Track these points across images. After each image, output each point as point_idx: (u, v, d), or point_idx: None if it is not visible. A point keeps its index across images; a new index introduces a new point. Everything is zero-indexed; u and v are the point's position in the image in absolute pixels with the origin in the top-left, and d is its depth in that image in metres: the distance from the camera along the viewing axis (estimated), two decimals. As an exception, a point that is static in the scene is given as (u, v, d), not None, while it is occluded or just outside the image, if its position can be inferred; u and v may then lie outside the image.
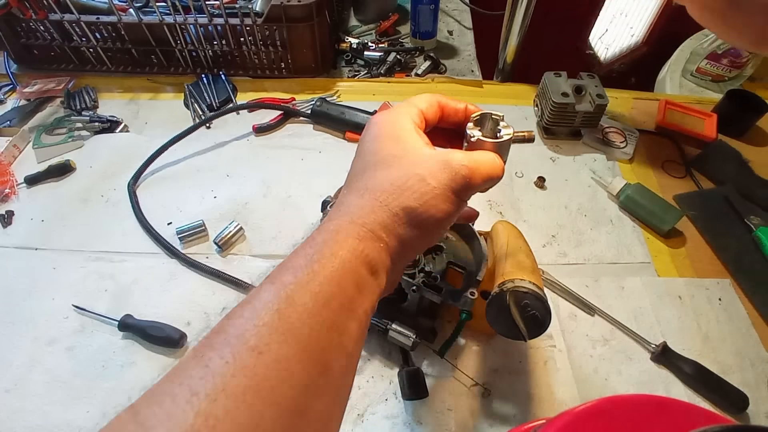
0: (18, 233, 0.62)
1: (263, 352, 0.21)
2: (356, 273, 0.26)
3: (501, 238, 0.47)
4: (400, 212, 0.28)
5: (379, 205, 0.28)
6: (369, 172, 0.29)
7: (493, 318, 0.41)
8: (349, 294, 0.25)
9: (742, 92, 0.77)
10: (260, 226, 0.63)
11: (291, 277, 0.25)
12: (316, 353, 0.23)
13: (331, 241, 0.26)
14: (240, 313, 0.23)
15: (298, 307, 0.23)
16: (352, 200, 0.28)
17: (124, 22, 0.78)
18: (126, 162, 0.70)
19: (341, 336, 0.25)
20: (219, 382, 0.20)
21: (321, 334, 0.23)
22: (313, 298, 0.24)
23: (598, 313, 0.55)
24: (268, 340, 0.22)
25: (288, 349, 0.22)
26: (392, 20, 0.96)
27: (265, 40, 0.80)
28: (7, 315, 0.54)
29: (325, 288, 0.24)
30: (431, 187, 0.28)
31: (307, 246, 0.27)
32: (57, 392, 0.48)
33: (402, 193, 0.28)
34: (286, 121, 0.78)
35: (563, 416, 0.30)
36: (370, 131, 0.31)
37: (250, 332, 0.22)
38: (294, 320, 0.23)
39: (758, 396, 0.48)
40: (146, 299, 0.55)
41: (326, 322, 0.24)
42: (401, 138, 0.30)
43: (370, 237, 0.27)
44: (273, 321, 0.22)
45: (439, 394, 0.48)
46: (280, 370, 0.21)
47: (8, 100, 0.80)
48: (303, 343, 0.23)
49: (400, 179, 0.28)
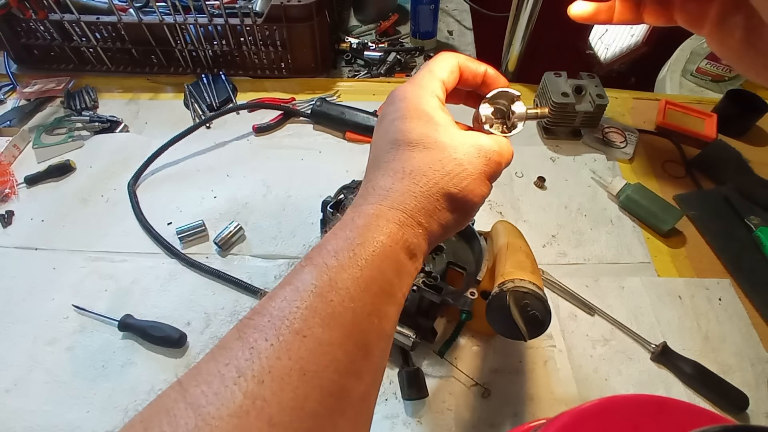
0: (18, 233, 0.62)
1: (307, 335, 0.22)
2: (396, 259, 0.26)
3: (501, 238, 0.47)
4: (440, 198, 0.28)
5: (420, 191, 0.27)
6: (403, 152, 0.28)
7: (493, 318, 0.41)
8: (388, 278, 0.26)
9: (742, 92, 0.77)
10: (260, 226, 0.63)
11: (333, 260, 0.24)
12: (358, 337, 0.23)
13: (373, 226, 0.26)
14: (282, 294, 0.23)
15: (340, 291, 0.23)
16: (389, 183, 0.28)
17: (124, 22, 0.78)
18: (126, 162, 0.70)
19: (381, 320, 0.25)
20: (265, 364, 0.20)
21: (362, 319, 0.24)
22: (355, 282, 0.24)
23: (598, 313, 0.55)
24: (311, 323, 0.22)
25: (331, 333, 0.22)
26: (392, 20, 0.96)
27: (265, 40, 0.80)
28: (7, 315, 0.54)
29: (366, 273, 0.25)
30: (468, 173, 0.28)
31: (346, 228, 0.26)
32: (57, 392, 0.48)
33: (442, 178, 0.28)
34: (286, 121, 0.78)
35: (563, 416, 0.30)
36: (395, 107, 0.30)
37: (294, 315, 0.22)
38: (336, 304, 0.23)
39: (758, 396, 0.48)
40: (146, 299, 0.55)
41: (367, 307, 0.24)
42: (431, 118, 0.29)
43: (410, 223, 0.27)
44: (316, 304, 0.23)
45: (439, 394, 0.48)
46: (323, 353, 0.22)
47: (8, 100, 0.80)
48: (346, 328, 0.23)
49: (438, 163, 0.28)
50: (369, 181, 0.29)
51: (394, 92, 0.31)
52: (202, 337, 0.52)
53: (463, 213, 0.29)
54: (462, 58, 0.32)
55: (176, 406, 0.20)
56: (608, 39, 1.23)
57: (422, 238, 0.28)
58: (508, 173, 0.68)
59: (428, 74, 0.31)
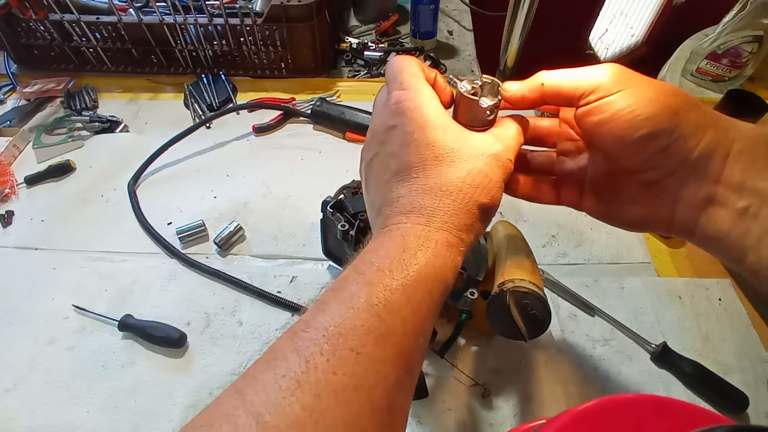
0: (18, 233, 0.62)
1: (361, 353, 0.22)
2: (445, 280, 0.27)
3: (501, 238, 0.47)
4: (476, 211, 0.28)
5: (461, 207, 0.28)
6: (433, 168, 0.28)
7: (493, 318, 0.41)
8: (435, 299, 0.26)
9: (742, 92, 0.76)
10: (260, 226, 0.63)
11: (387, 280, 0.25)
12: (406, 356, 0.24)
13: (424, 247, 0.27)
14: (336, 309, 0.24)
15: (393, 312, 0.24)
16: (429, 201, 0.28)
17: (124, 22, 0.78)
18: (126, 162, 0.70)
19: (425, 338, 0.26)
20: (322, 378, 0.21)
21: (411, 338, 0.25)
22: (408, 303, 0.25)
23: (598, 313, 0.54)
24: (365, 341, 0.23)
25: (384, 352, 0.23)
26: (392, 20, 0.96)
27: (265, 40, 0.80)
28: (7, 315, 0.54)
29: (418, 295, 0.25)
30: (493, 182, 0.29)
31: (397, 247, 0.27)
32: (57, 392, 0.48)
33: (474, 191, 0.28)
34: (286, 121, 0.78)
35: (563, 416, 0.30)
36: (408, 118, 0.29)
37: (350, 332, 0.23)
38: (389, 324, 0.24)
39: (758, 396, 0.48)
40: (146, 299, 0.55)
41: (416, 327, 0.25)
42: (447, 128, 0.29)
43: (456, 242, 0.28)
44: (371, 323, 0.23)
45: (439, 394, 0.48)
46: (376, 371, 0.22)
47: (8, 100, 0.81)
48: (397, 347, 0.24)
49: (470, 177, 0.28)
50: (401, 197, 0.29)
51: (397, 102, 0.30)
52: (202, 337, 0.52)
53: (488, 219, 0.30)
54: (418, 60, 0.33)
55: (236, 413, 0.20)
56: (608, 39, 1.23)
57: (463, 254, 0.29)
58: (508, 173, 0.68)
59: (414, 77, 0.31)
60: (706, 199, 0.27)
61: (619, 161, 0.29)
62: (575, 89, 0.29)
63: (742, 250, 0.26)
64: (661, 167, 0.28)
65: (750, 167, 0.26)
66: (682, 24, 1.05)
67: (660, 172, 0.28)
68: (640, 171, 0.29)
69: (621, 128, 0.27)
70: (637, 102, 0.27)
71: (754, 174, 0.26)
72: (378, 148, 0.31)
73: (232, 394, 0.21)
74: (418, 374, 0.26)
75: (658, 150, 0.27)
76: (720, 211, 0.27)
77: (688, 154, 0.27)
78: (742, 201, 0.26)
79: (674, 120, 0.26)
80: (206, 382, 0.49)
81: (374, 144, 0.31)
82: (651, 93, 0.27)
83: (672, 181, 0.28)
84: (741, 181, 0.26)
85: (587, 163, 0.34)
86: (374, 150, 0.31)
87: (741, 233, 0.26)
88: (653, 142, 0.27)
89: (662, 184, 0.28)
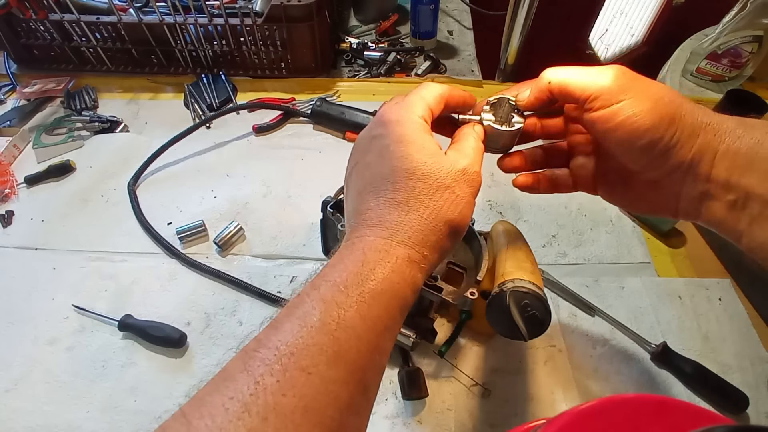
0: (18, 233, 0.62)
1: (312, 373, 0.22)
2: (403, 296, 0.27)
3: (501, 238, 0.47)
4: (443, 227, 0.29)
5: (426, 224, 0.28)
6: (402, 182, 0.29)
7: (493, 318, 0.41)
8: (393, 316, 0.26)
9: (742, 92, 0.76)
10: (260, 226, 0.63)
11: (342, 296, 0.25)
12: (360, 375, 0.24)
13: (383, 263, 0.26)
14: (289, 328, 0.24)
15: (347, 330, 0.24)
16: (394, 216, 0.28)
17: (124, 22, 0.78)
18: (126, 162, 0.70)
19: (382, 356, 0.25)
20: (270, 400, 0.21)
21: (365, 356, 0.24)
22: (362, 321, 0.24)
23: (598, 313, 0.54)
24: (317, 361, 0.22)
25: (336, 371, 0.23)
26: (392, 20, 0.96)
27: (265, 40, 0.80)
28: (7, 315, 0.54)
29: (373, 311, 0.25)
30: (461, 198, 0.29)
31: (355, 261, 0.26)
32: (57, 392, 0.48)
33: (442, 207, 0.28)
34: (286, 121, 0.78)
35: (563, 416, 0.30)
36: (388, 129, 0.30)
37: (301, 352, 0.22)
38: (343, 342, 0.23)
39: (758, 396, 0.48)
40: (146, 299, 0.55)
41: (371, 345, 0.24)
42: (425, 146, 0.30)
43: (417, 258, 0.28)
44: (323, 342, 0.23)
45: (439, 394, 0.48)
46: (327, 392, 0.22)
47: (8, 100, 0.80)
48: (349, 366, 0.23)
49: (437, 194, 0.29)
50: (369, 209, 0.29)
51: (384, 113, 0.32)
52: (202, 337, 0.52)
53: (456, 237, 0.30)
54: (448, 87, 0.33)
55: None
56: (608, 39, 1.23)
57: (425, 271, 0.28)
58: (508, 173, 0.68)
59: (417, 98, 0.32)
60: (703, 194, 0.31)
61: (624, 163, 0.32)
62: (582, 90, 0.30)
63: (737, 234, 0.30)
64: (661, 169, 0.31)
65: (733, 166, 0.29)
66: (682, 24, 1.05)
67: (660, 173, 0.31)
68: (642, 172, 0.32)
69: (625, 137, 0.29)
70: (638, 113, 0.29)
71: (737, 172, 0.29)
72: (359, 157, 0.32)
73: (179, 418, 0.21)
74: (376, 393, 0.26)
75: (657, 155, 0.30)
76: (715, 203, 0.30)
77: (684, 156, 0.29)
78: (730, 195, 0.29)
79: (672, 128, 0.29)
80: (206, 382, 0.49)
81: (357, 153, 0.32)
82: (651, 102, 0.29)
83: (671, 180, 0.31)
84: (726, 179, 0.29)
85: (596, 160, 0.36)
86: (356, 159, 0.32)
87: (734, 221, 0.30)
88: (654, 149, 0.29)
89: (663, 182, 0.32)
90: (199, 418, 0.20)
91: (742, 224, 0.29)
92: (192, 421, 0.20)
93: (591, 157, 0.36)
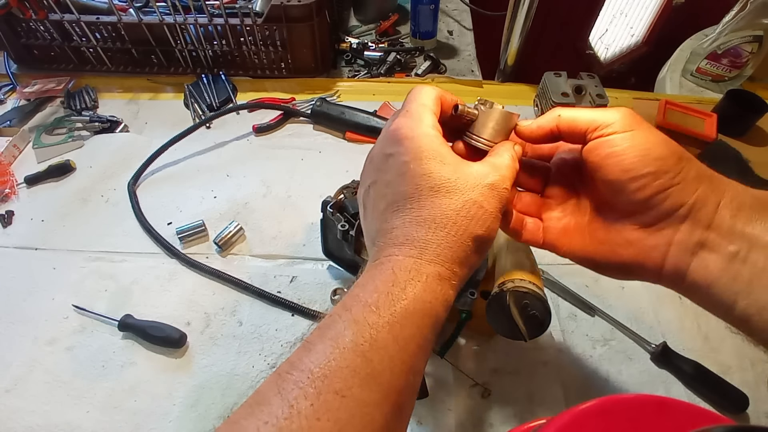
0: (18, 233, 0.62)
1: (346, 396, 0.22)
2: (435, 315, 0.26)
3: (501, 238, 0.47)
4: (470, 243, 0.28)
5: (454, 240, 0.28)
6: (427, 199, 0.28)
7: (493, 318, 0.41)
8: (426, 335, 0.26)
9: (742, 92, 0.77)
10: (260, 226, 0.63)
11: (374, 317, 0.24)
12: (394, 397, 0.24)
13: (414, 281, 0.26)
14: (322, 349, 0.23)
15: (380, 351, 0.23)
16: (422, 234, 0.28)
17: (124, 22, 0.78)
18: (126, 162, 0.70)
19: (416, 376, 0.25)
20: (305, 424, 0.21)
21: (400, 378, 0.24)
22: (395, 341, 0.24)
23: (598, 313, 0.55)
24: (351, 384, 0.22)
25: (370, 393, 0.22)
26: (392, 20, 0.96)
27: (265, 40, 0.80)
28: (7, 315, 0.54)
29: (406, 331, 0.25)
30: (489, 213, 0.29)
31: (386, 281, 0.26)
32: (57, 392, 0.48)
33: (469, 223, 0.28)
34: (286, 121, 0.78)
35: (563, 416, 0.30)
36: (405, 147, 0.29)
37: (335, 374, 0.22)
38: (376, 364, 0.23)
39: (758, 396, 0.48)
40: (146, 299, 0.55)
41: (405, 366, 0.24)
42: (445, 158, 0.29)
43: (448, 275, 0.27)
44: (356, 364, 0.23)
45: (439, 394, 0.48)
46: (362, 415, 0.22)
47: (8, 100, 0.80)
48: (384, 387, 0.23)
49: (464, 209, 0.28)
50: (395, 228, 0.29)
51: (395, 129, 0.30)
52: (202, 337, 0.52)
53: (483, 251, 0.30)
54: (440, 90, 0.32)
55: None
56: (608, 39, 1.23)
57: (456, 288, 0.28)
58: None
59: (421, 107, 0.31)
60: (698, 244, 0.28)
61: (620, 196, 0.30)
62: (590, 122, 0.30)
63: (732, 296, 0.27)
64: (659, 208, 0.28)
65: (738, 214, 0.27)
66: (682, 24, 1.06)
67: (657, 213, 0.29)
68: (638, 211, 0.29)
69: (631, 162, 0.28)
70: (648, 142, 0.28)
71: (742, 220, 0.27)
72: (376, 176, 0.31)
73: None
74: (410, 414, 0.26)
75: (660, 189, 0.28)
76: (711, 255, 0.28)
77: (686, 198, 0.28)
78: (731, 246, 0.27)
79: (679, 165, 0.28)
80: (206, 382, 0.49)
81: (372, 171, 0.31)
82: (660, 137, 0.29)
83: (667, 224, 0.29)
84: (730, 226, 0.27)
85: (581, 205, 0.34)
86: (372, 177, 0.31)
87: (731, 278, 0.27)
88: (658, 180, 0.28)
89: (658, 226, 0.29)
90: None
91: (741, 282, 0.27)
92: None
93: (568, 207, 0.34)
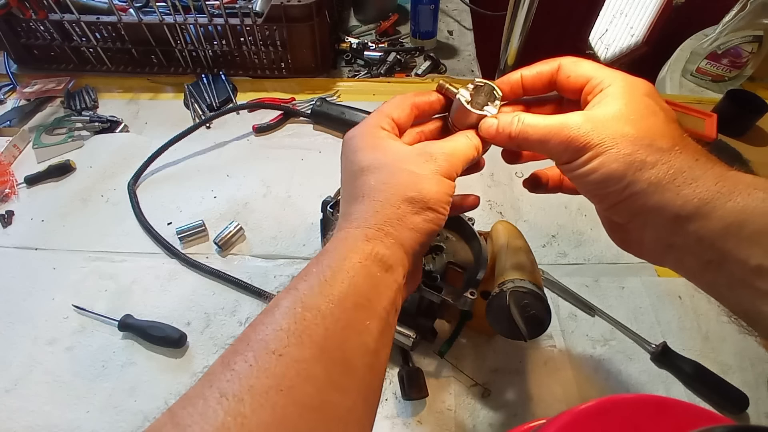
0: (18, 233, 0.62)
1: (282, 354, 0.23)
2: (368, 273, 0.27)
3: (501, 238, 0.47)
4: (401, 204, 0.29)
5: (380, 204, 0.29)
6: (359, 180, 0.31)
7: (493, 318, 0.41)
8: (363, 293, 0.26)
9: (742, 92, 0.77)
10: (260, 226, 0.63)
11: (305, 284, 0.26)
12: (335, 352, 0.24)
13: (341, 247, 0.28)
14: (261, 320, 0.25)
15: (312, 310, 0.25)
16: (353, 208, 0.30)
17: (124, 22, 0.78)
18: (126, 162, 0.70)
19: (360, 334, 0.26)
20: (245, 383, 0.22)
21: (337, 334, 0.25)
22: (326, 299, 0.25)
23: (598, 313, 0.55)
24: (286, 343, 0.23)
25: (305, 350, 0.23)
26: (392, 20, 0.96)
27: (265, 40, 0.80)
28: (7, 315, 0.54)
29: (337, 289, 0.26)
30: (420, 175, 0.30)
31: (320, 255, 0.28)
32: (57, 392, 0.48)
33: (396, 188, 0.29)
34: (286, 121, 0.78)
35: (563, 416, 0.30)
36: (349, 147, 0.33)
37: (270, 337, 0.24)
38: (309, 322, 0.24)
39: (758, 396, 0.48)
40: (146, 299, 0.55)
41: (340, 322, 0.25)
42: (378, 146, 0.31)
43: (377, 236, 0.28)
44: (290, 325, 0.24)
45: (439, 394, 0.48)
46: (299, 370, 0.23)
47: (8, 100, 0.80)
48: (320, 344, 0.24)
49: (390, 177, 0.30)
50: (341, 214, 0.32)
51: (347, 135, 0.34)
52: (202, 337, 0.52)
53: (432, 211, 0.30)
54: (412, 96, 0.34)
55: (164, 429, 0.21)
56: (608, 39, 1.23)
57: (395, 247, 0.29)
58: (508, 173, 0.68)
59: (376, 113, 0.34)
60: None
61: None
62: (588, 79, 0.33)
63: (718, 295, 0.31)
64: (621, 215, 0.32)
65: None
66: (682, 24, 1.06)
67: (622, 218, 0.32)
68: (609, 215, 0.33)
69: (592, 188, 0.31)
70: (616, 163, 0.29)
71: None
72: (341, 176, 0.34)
73: (165, 413, 0.22)
74: (367, 372, 0.26)
75: (617, 201, 0.30)
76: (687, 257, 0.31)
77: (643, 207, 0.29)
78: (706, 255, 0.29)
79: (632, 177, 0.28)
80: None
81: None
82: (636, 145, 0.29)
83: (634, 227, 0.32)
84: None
85: None
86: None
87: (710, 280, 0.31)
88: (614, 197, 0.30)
89: (627, 227, 0.33)
90: (182, 407, 0.22)
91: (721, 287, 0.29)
92: (176, 412, 0.22)
93: None
